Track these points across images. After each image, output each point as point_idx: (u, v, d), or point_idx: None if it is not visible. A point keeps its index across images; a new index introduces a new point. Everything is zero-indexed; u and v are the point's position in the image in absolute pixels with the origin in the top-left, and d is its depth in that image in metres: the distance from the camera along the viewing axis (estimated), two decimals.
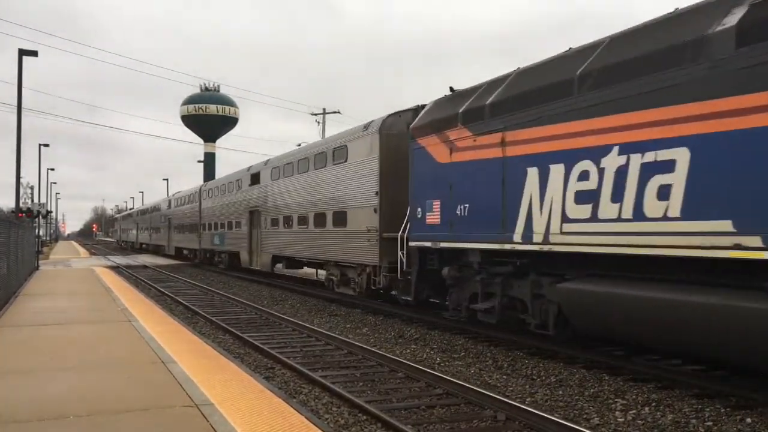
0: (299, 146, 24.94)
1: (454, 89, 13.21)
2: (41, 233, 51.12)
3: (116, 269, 33.04)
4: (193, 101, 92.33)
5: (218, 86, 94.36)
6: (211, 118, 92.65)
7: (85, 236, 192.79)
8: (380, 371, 9.44)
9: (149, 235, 56.07)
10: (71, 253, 61.61)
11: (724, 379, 8.42)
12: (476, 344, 11.48)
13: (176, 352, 9.09)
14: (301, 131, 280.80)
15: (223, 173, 36.94)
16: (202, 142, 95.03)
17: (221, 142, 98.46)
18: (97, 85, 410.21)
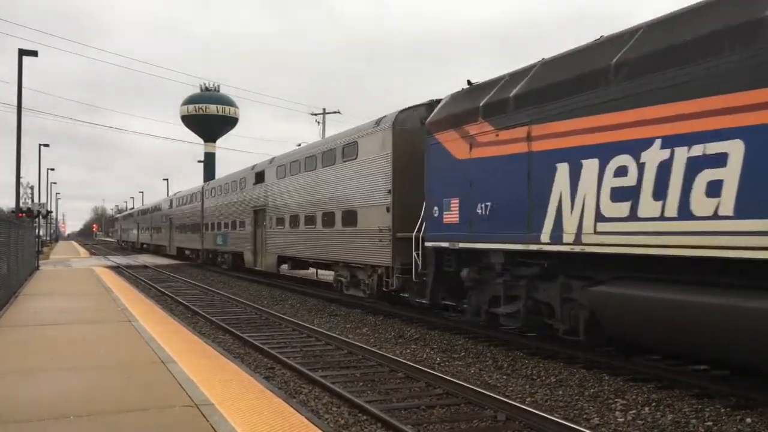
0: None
1: (471, 82, 12.58)
2: (41, 233, 51.11)
3: (116, 269, 33.04)
4: (193, 101, 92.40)
5: (218, 86, 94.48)
6: (211, 118, 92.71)
7: (85, 236, 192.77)
8: (380, 371, 9.44)
9: (150, 235, 55.70)
10: (71, 253, 61.60)
11: (724, 379, 8.41)
12: (476, 344, 11.48)
13: (176, 352, 9.09)
14: (301, 131, 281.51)
15: (223, 173, 36.86)
16: (202, 142, 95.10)
17: (221, 142, 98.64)
18: (97, 85, 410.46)
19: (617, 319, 8.68)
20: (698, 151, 7.38)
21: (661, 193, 7.78)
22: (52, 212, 63.54)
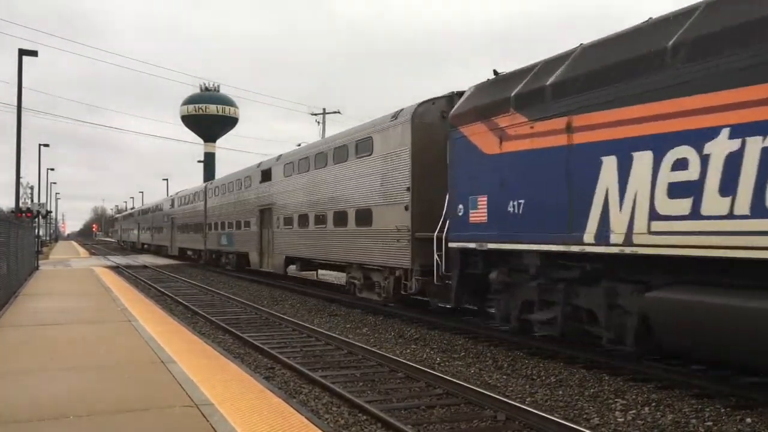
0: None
1: (498, 72, 11.82)
2: (41, 233, 51.11)
3: (116, 269, 33.04)
4: (193, 101, 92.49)
5: (218, 86, 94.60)
6: (211, 118, 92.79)
7: (85, 236, 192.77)
8: (380, 371, 9.44)
9: (151, 235, 55.15)
10: (71, 253, 61.60)
11: (724, 379, 8.41)
12: (476, 344, 11.48)
13: (176, 352, 9.09)
14: (301, 131, 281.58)
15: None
16: (202, 142, 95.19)
17: (221, 142, 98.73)
18: (97, 85, 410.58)
19: (678, 328, 7.79)
20: None
21: (729, 188, 7.02)
22: (51, 212, 63.59)
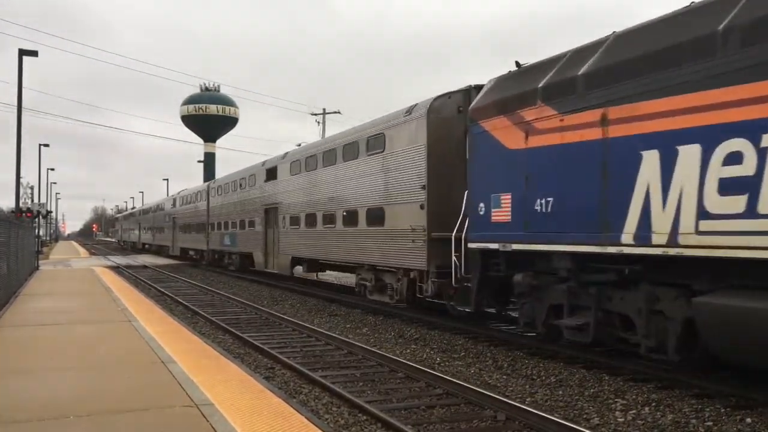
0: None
1: (520, 63, 11.32)
2: (41, 233, 51.10)
3: (116, 269, 33.05)
4: (193, 101, 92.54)
5: (218, 86, 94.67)
6: (211, 118, 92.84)
7: (85, 236, 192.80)
8: (380, 371, 9.44)
9: (152, 235, 54.62)
10: (71, 253, 61.61)
11: (724, 379, 8.41)
12: (476, 344, 11.48)
13: (176, 352, 9.09)
14: (300, 131, 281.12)
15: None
16: (202, 142, 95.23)
17: (221, 142, 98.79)
18: (97, 85, 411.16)
19: (733, 336, 7.19)
20: None
21: None
22: (51, 212, 63.58)
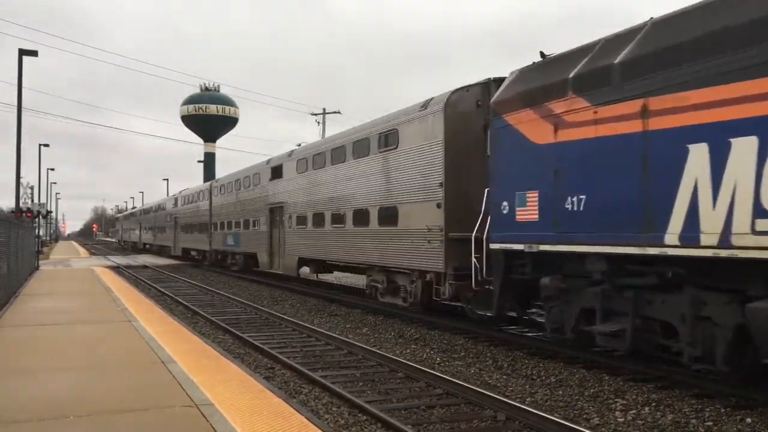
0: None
1: (545, 54, 10.72)
2: (41, 233, 51.08)
3: (116, 269, 33.05)
4: (193, 101, 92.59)
5: (218, 86, 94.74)
6: (211, 118, 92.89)
7: (85, 236, 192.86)
8: (380, 371, 9.44)
9: (153, 235, 54.10)
10: (71, 253, 61.62)
11: (723, 379, 8.40)
12: (476, 344, 11.48)
13: (176, 352, 9.09)
14: (300, 131, 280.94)
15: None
16: (202, 142, 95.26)
17: (221, 142, 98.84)
18: (97, 85, 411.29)
19: None
20: None
21: None
22: (52, 212, 63.57)
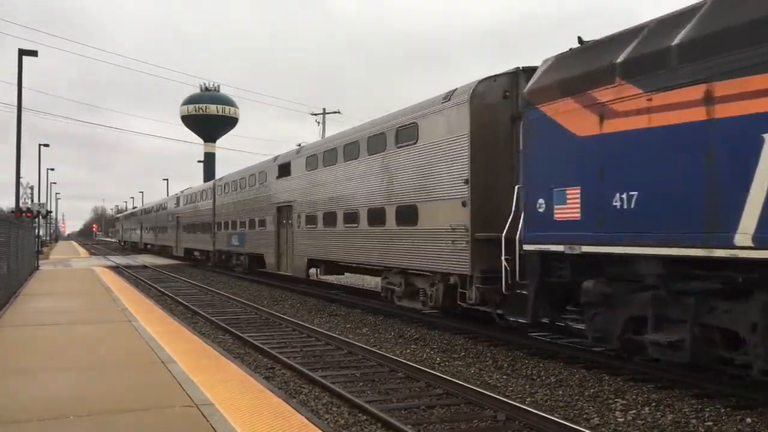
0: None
1: (583, 40, 9.97)
2: (41, 233, 51.09)
3: (116, 269, 33.06)
4: (193, 101, 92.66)
5: (218, 86, 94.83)
6: (211, 118, 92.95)
7: (85, 236, 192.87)
8: (380, 371, 9.44)
9: (155, 235, 53.41)
10: (71, 253, 61.62)
11: (723, 379, 8.41)
12: (476, 344, 11.48)
13: (176, 352, 9.09)
14: (301, 131, 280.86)
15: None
16: (202, 142, 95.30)
17: (221, 142, 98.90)
18: (97, 85, 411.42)
19: None
20: None
21: None
22: (51, 212, 63.61)
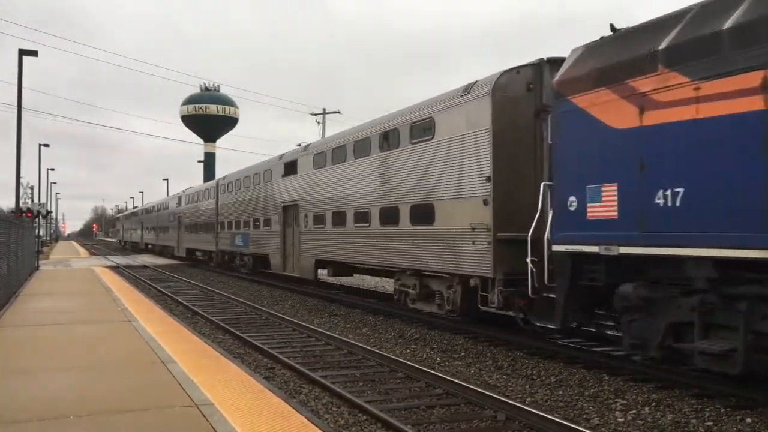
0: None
1: (615, 27, 9.33)
2: (41, 233, 51.06)
3: (116, 269, 33.05)
4: (193, 101, 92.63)
5: (218, 86, 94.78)
6: (211, 118, 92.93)
7: (85, 236, 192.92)
8: (380, 371, 9.44)
9: (156, 235, 52.99)
10: (71, 253, 61.62)
11: (723, 379, 8.40)
12: (476, 344, 11.48)
13: (176, 352, 9.09)
14: (301, 131, 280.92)
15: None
16: (202, 142, 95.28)
17: (221, 142, 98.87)
18: (97, 85, 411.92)
19: None
20: None
21: None
22: (52, 212, 63.57)
